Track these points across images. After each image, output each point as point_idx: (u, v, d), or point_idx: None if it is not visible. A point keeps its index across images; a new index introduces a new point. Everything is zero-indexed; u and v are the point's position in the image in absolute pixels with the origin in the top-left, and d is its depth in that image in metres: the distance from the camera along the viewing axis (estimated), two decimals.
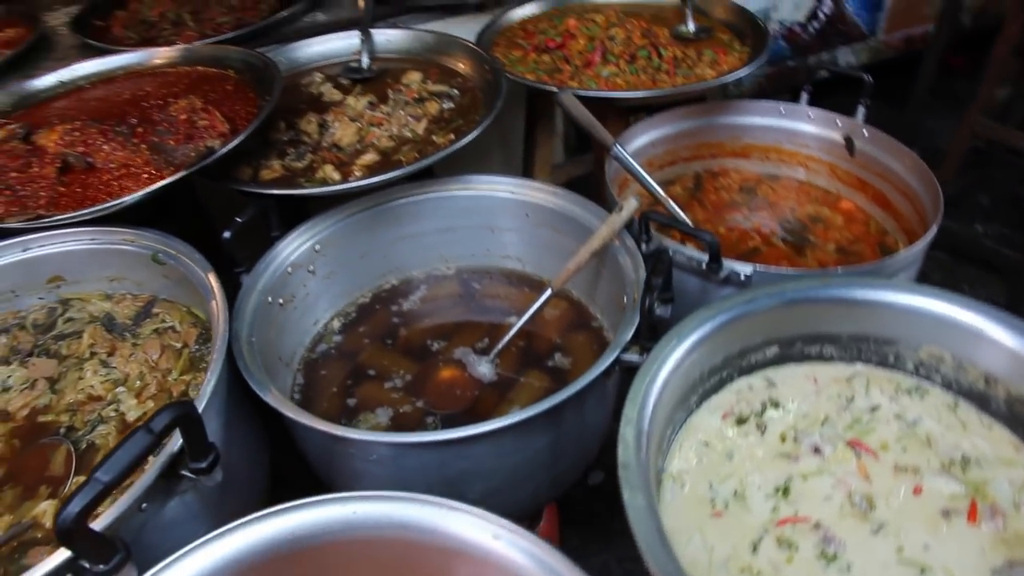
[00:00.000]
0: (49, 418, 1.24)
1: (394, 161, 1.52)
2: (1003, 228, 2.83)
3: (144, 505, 0.97)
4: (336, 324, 1.60)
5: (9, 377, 1.30)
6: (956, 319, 1.16)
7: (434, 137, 1.58)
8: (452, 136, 1.56)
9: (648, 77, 1.73)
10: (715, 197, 1.82)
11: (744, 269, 1.31)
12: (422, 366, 1.49)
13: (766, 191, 1.83)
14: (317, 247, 1.52)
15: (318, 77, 1.82)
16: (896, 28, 2.99)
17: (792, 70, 2.94)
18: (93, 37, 1.92)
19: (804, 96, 1.79)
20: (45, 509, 1.09)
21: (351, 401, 1.44)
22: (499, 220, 1.62)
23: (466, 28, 1.99)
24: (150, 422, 0.89)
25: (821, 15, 2.84)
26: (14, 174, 1.37)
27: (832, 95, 1.93)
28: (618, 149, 1.57)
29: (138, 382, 1.28)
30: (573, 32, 1.85)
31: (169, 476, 1.01)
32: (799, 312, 1.17)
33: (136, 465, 0.87)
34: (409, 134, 1.59)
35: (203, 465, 0.99)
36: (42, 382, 1.29)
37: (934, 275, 2.66)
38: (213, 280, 1.26)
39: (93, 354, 1.33)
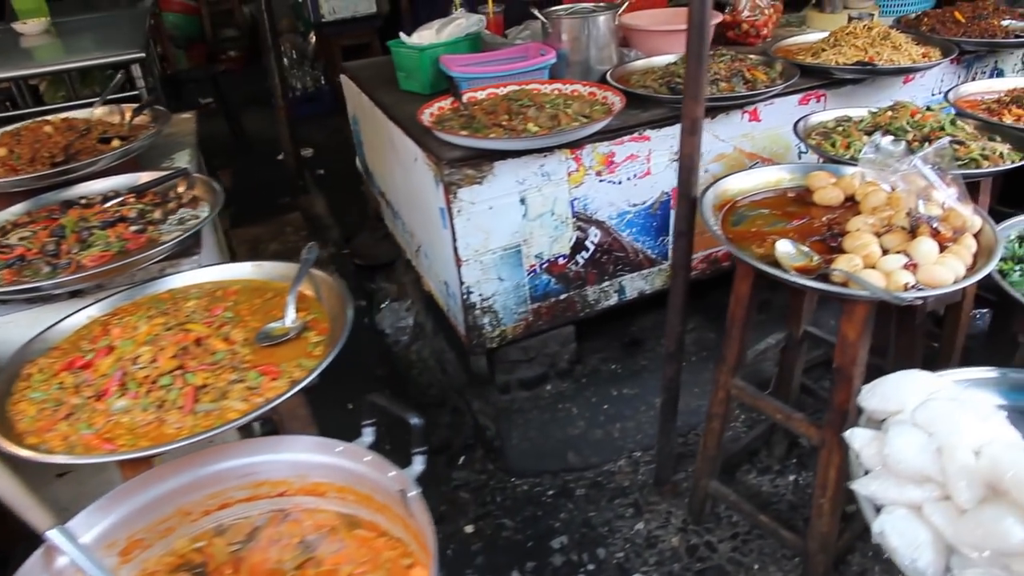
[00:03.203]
0: None
1: None
2: None
3: None
4: None
5: None
6: None
7: None
8: None
9: (157, 415, 1.39)
10: (263, 557, 1.42)
11: None
12: None
13: (333, 546, 1.43)
14: None
15: None
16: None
17: (567, 303, 2.58)
18: None
19: (367, 432, 1.42)
20: None
21: None
22: None
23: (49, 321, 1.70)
24: None
25: (590, 245, 2.50)
26: None
27: None
28: (54, 534, 1.21)
29: None
30: (114, 345, 1.53)
31: None
32: None
33: None
34: None
35: None
36: None
37: None
38: None
39: None
